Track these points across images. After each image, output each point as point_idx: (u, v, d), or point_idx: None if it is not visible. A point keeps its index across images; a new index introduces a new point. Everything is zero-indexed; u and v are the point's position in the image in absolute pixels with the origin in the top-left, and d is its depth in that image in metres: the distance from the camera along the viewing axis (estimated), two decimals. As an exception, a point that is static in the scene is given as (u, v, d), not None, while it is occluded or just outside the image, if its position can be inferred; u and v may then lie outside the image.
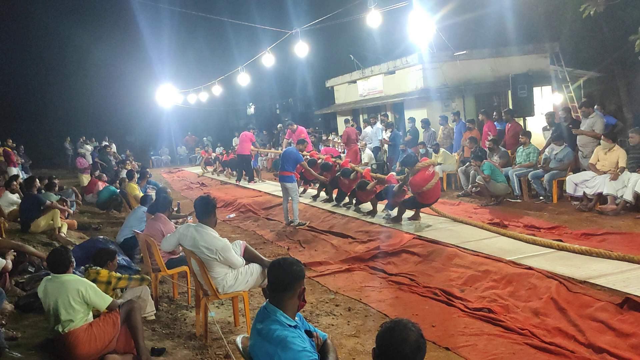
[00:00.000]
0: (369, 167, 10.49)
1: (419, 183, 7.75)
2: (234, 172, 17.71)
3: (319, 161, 11.03)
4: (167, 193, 7.76)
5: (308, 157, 11.40)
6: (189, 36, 29.30)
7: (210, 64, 26.79)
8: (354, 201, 9.97)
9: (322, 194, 11.53)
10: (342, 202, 10.34)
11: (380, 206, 9.26)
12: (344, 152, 14.18)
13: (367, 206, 9.55)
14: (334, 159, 11.01)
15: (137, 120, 30.92)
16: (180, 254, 5.88)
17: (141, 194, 10.15)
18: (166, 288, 6.57)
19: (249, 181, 15.77)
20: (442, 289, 5.65)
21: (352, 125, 14.96)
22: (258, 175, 16.23)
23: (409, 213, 8.63)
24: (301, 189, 12.20)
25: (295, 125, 14.96)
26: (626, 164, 8.15)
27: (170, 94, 24.35)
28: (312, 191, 12.21)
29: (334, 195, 10.67)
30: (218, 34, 28.89)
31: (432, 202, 8.20)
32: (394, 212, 8.64)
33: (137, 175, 11.58)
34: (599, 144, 8.65)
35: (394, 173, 9.44)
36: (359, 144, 14.13)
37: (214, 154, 22.02)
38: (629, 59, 15.90)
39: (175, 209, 7.72)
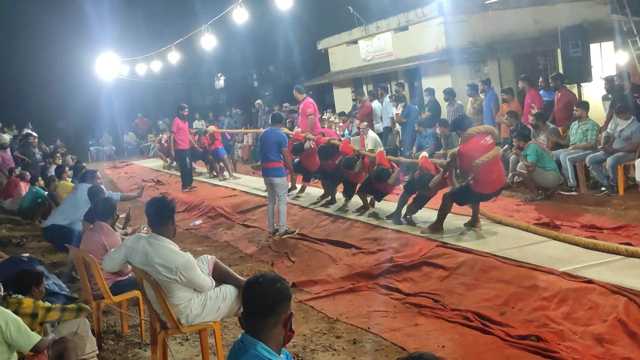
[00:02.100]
0: (383, 150, 10.36)
1: (470, 153, 7.40)
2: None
3: (306, 143, 10.97)
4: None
5: (291, 137, 11.41)
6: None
7: (164, 24, 26.65)
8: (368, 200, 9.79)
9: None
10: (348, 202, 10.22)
11: (386, 205, 9.26)
12: (344, 136, 14.17)
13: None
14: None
15: (70, 100, 30.63)
16: (130, 274, 5.85)
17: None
18: (112, 320, 6.55)
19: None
20: (475, 312, 5.65)
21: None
22: (228, 169, 16.01)
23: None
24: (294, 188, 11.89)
25: (300, 94, 13.57)
26: None
27: (112, 65, 24.21)
28: (314, 191, 11.83)
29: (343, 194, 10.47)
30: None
31: (494, 193, 7.90)
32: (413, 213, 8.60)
33: (69, 172, 11.54)
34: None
35: (426, 153, 9.28)
36: (359, 124, 14.07)
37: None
38: None
39: (122, 215, 7.69)
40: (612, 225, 7.58)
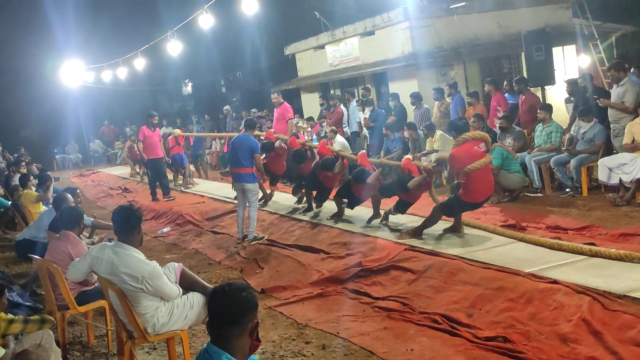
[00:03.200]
0: (364, 151, 10.30)
1: (462, 158, 7.24)
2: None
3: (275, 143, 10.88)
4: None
5: (262, 138, 11.34)
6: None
7: (129, 30, 26.39)
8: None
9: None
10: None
11: (362, 210, 9.28)
12: (312, 141, 14.16)
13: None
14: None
15: (34, 108, 30.24)
16: (96, 284, 5.78)
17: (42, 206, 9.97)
18: (78, 331, 6.46)
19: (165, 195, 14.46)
20: (443, 314, 5.68)
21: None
22: (185, 177, 15.81)
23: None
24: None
25: (281, 99, 13.69)
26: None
27: (77, 71, 23.91)
28: (283, 197, 11.71)
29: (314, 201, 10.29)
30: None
31: (483, 200, 7.78)
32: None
33: (34, 180, 11.36)
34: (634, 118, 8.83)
35: (409, 156, 9.28)
36: (325, 129, 14.03)
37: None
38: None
39: (89, 224, 7.59)
40: (577, 226, 7.69)
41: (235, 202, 10.27)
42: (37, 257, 6.17)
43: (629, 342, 4.51)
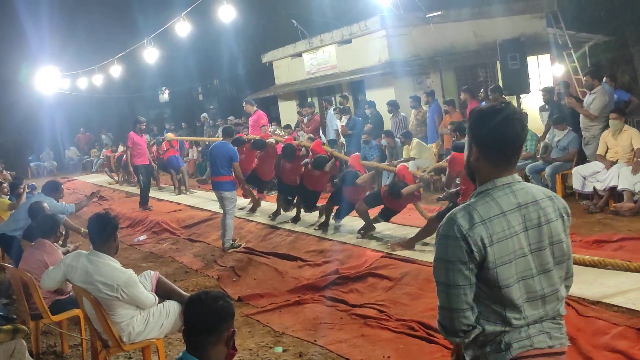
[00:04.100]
0: (358, 154, 10.15)
1: (463, 161, 7.14)
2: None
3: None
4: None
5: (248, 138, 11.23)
6: (77, -1, 28.64)
7: (105, 37, 26.22)
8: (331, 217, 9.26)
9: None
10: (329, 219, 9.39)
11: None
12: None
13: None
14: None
15: (8, 115, 29.82)
16: (70, 293, 5.72)
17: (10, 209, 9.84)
18: (52, 340, 6.38)
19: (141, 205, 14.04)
20: (420, 321, 5.69)
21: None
22: (185, 183, 15.58)
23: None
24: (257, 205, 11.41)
25: (251, 107, 13.39)
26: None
27: (52, 78, 23.69)
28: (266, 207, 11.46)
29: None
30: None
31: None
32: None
33: (6, 188, 11.21)
34: (605, 128, 8.94)
35: (406, 163, 9.18)
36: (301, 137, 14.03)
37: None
38: (644, 18, 16.58)
39: (64, 231, 7.52)
40: (551, 233, 7.76)
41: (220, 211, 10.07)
42: (9, 265, 6.09)
43: (603, 348, 4.56)
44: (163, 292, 4.94)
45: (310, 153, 9.96)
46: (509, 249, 2.38)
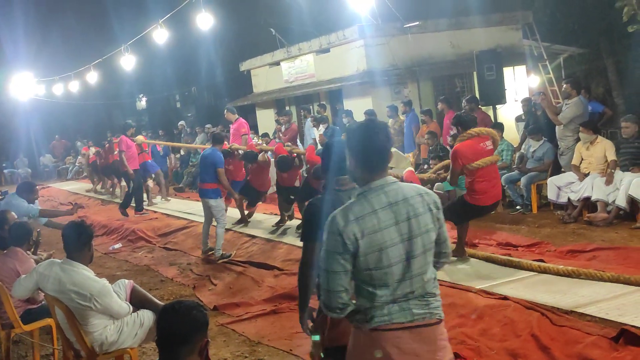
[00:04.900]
0: (312, 144, 10.21)
1: (466, 154, 6.82)
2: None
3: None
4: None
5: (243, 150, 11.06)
6: (53, 4, 28.38)
7: (82, 43, 26.03)
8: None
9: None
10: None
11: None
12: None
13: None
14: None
15: (-19, 121, 29.61)
16: (42, 302, 5.65)
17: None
18: (23, 350, 6.30)
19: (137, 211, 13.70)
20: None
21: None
22: (162, 188, 15.26)
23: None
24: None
25: (232, 115, 13.21)
26: (617, 158, 8.56)
27: (27, 84, 23.44)
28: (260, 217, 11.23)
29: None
30: (92, 1, 28.15)
31: (493, 205, 7.21)
32: None
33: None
34: (579, 139, 9.05)
35: (411, 168, 8.95)
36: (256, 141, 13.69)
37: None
38: (617, 31, 16.80)
39: (34, 238, 7.39)
40: (526, 243, 7.83)
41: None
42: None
43: (576, 357, 4.59)
44: (137, 302, 4.91)
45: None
46: (379, 241, 2.83)
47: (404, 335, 2.87)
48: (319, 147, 14.01)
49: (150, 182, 15.00)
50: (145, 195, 14.56)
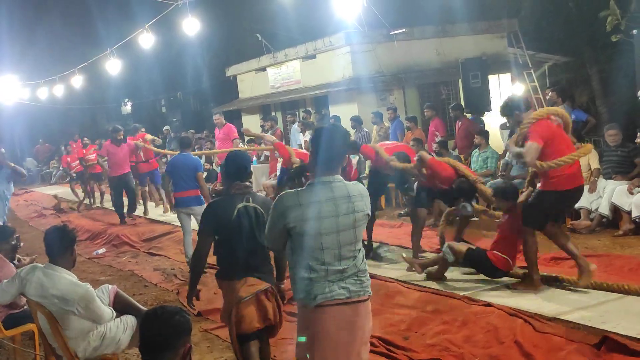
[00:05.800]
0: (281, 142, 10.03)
1: (543, 132, 5.90)
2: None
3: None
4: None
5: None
6: (38, 7, 28.24)
7: (67, 46, 25.93)
8: None
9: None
10: None
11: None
12: (252, 163, 14.11)
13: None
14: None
15: (-36, 125, 29.33)
16: (24, 307, 5.60)
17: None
18: (4, 356, 6.22)
19: (129, 213, 13.35)
20: (380, 337, 5.68)
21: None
22: (158, 198, 14.48)
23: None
24: None
25: (223, 119, 13.11)
26: (600, 166, 8.62)
27: (11, 88, 23.28)
28: None
29: None
30: (77, 4, 28.01)
31: (576, 189, 6.16)
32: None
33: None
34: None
35: (427, 155, 8.50)
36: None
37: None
38: (600, 40, 16.95)
39: (14, 242, 7.32)
40: (510, 250, 7.85)
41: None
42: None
43: (559, 364, 4.62)
44: (121, 307, 4.89)
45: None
46: (317, 227, 3.36)
47: (345, 309, 3.48)
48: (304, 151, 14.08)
49: (154, 193, 14.62)
50: (141, 201, 14.15)
